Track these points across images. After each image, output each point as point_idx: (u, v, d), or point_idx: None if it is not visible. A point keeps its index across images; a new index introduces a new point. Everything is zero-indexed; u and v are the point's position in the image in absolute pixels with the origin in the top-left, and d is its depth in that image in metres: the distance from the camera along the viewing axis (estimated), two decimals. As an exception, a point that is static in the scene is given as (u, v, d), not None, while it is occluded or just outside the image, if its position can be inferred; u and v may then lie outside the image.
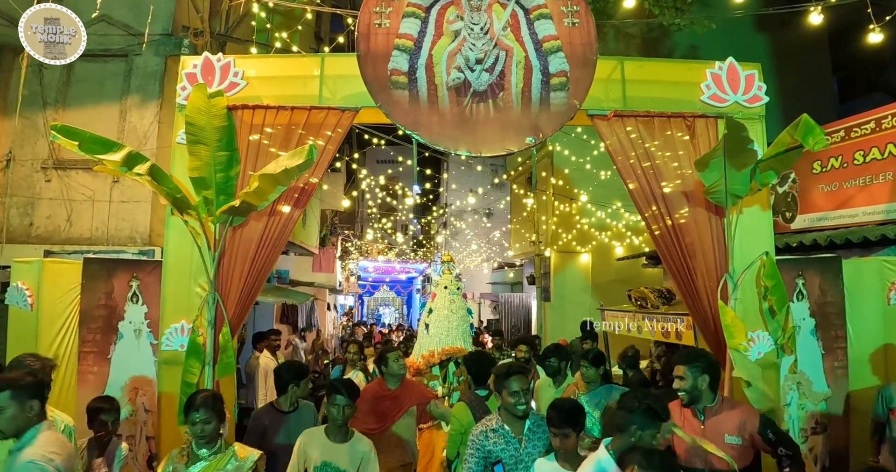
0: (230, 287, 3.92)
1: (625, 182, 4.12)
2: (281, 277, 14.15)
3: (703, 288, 3.98)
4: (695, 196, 4.06)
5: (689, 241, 4.00)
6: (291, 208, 3.99)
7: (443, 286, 6.39)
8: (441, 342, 5.92)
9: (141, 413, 4.62)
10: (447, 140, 3.87)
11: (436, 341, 5.95)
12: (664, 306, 6.67)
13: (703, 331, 3.98)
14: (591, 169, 10.29)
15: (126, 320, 4.69)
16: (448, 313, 6.14)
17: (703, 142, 4.11)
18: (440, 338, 5.94)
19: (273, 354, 7.13)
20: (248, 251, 3.94)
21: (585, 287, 13.07)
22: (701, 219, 4.04)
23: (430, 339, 5.99)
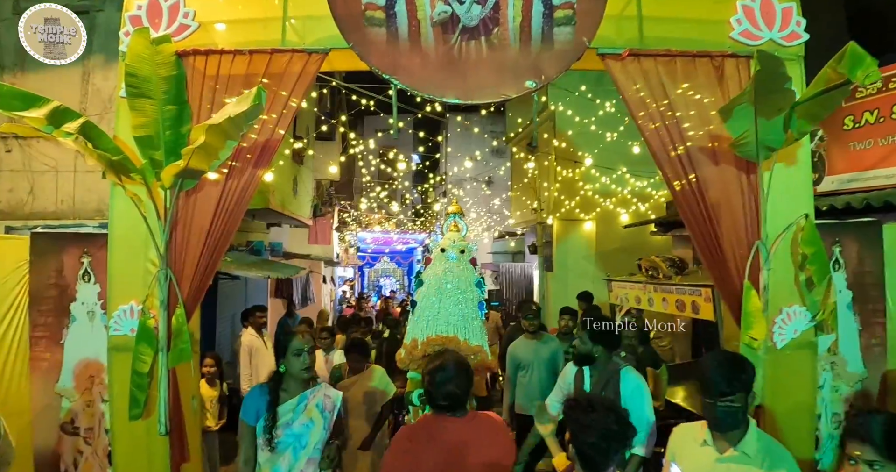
0: (184, 262, 3.39)
1: (642, 134, 3.54)
2: (274, 249, 13.67)
3: (731, 257, 3.44)
4: (723, 150, 3.48)
5: (715, 202, 3.44)
6: (252, 168, 3.42)
7: (439, 249, 4.49)
8: (428, 328, 4.16)
9: (98, 404, 4.17)
10: (432, 85, 3.28)
11: (422, 326, 4.22)
12: (677, 276, 6.15)
13: (731, 308, 3.45)
14: (597, 130, 9.64)
15: (78, 300, 4.18)
16: (441, 287, 4.26)
17: (734, 86, 3.51)
18: (427, 322, 4.19)
19: (259, 331, 6.62)
20: (204, 220, 3.39)
21: (589, 256, 12.55)
22: (729, 177, 3.47)
23: (415, 323, 4.30)
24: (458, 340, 4.10)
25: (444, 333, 4.18)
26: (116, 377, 3.48)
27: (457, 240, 4.50)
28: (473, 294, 4.33)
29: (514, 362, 5.51)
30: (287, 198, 11.65)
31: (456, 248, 4.46)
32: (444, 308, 4.18)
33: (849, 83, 2.81)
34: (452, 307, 4.19)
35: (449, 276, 4.32)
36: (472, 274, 4.40)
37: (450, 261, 4.40)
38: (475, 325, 4.27)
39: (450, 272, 4.34)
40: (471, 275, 4.40)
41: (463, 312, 4.22)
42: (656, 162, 3.53)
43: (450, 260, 4.39)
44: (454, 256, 4.41)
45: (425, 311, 4.25)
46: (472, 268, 4.42)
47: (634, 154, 9.86)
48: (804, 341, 3.56)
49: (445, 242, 4.50)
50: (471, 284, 4.36)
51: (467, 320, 4.22)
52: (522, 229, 16.96)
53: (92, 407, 4.21)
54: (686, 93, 3.51)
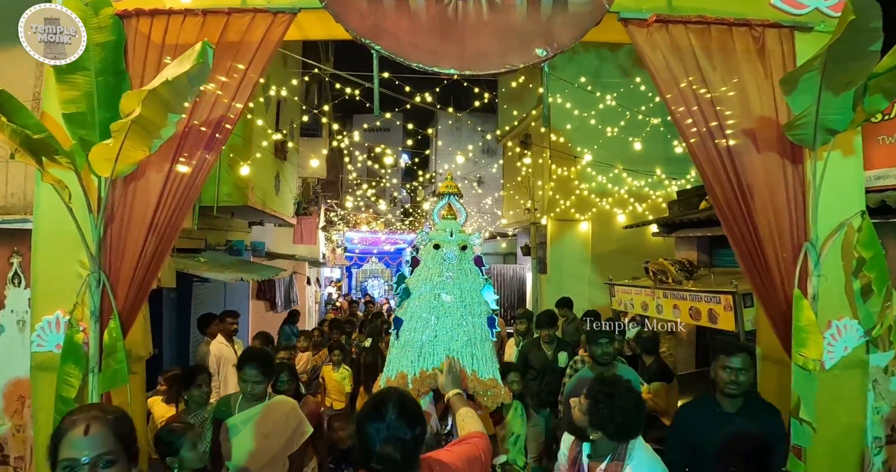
0: (121, 264, 2.80)
1: (672, 115, 3.00)
2: (256, 249, 13.05)
3: (774, 262, 2.90)
4: (766, 134, 2.95)
5: (757, 196, 2.91)
6: (203, 150, 2.84)
7: (432, 245, 3.19)
8: (421, 359, 2.97)
9: (30, 429, 3.58)
10: (422, 52, 2.71)
11: (411, 355, 2.99)
12: (687, 281, 5.63)
13: (774, 322, 2.92)
14: (596, 124, 9.12)
15: (7, 307, 3.63)
16: (437, 300, 3.07)
17: (776, 62, 2.98)
18: (419, 350, 2.99)
19: (229, 340, 6.01)
20: (145, 213, 2.80)
21: (584, 258, 12.06)
22: (773, 166, 2.93)
23: (401, 351, 3.04)
24: (465, 373, 2.96)
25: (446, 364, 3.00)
26: (41, 403, 2.88)
27: (455, 231, 3.24)
28: (481, 308, 3.14)
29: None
30: (268, 195, 11.02)
31: (454, 243, 3.18)
32: (443, 329, 3.02)
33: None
34: (453, 328, 3.02)
35: (447, 284, 3.09)
36: (478, 279, 3.22)
37: (447, 262, 3.14)
38: (485, 350, 3.09)
39: (447, 279, 3.10)
40: (476, 280, 3.20)
41: (469, 333, 3.04)
42: (689, 149, 2.99)
43: (447, 261, 3.14)
44: (453, 254, 3.15)
45: (415, 333, 3.02)
46: (477, 270, 3.23)
47: (633, 152, 9.38)
48: (855, 359, 3.04)
49: (439, 234, 3.24)
50: (477, 293, 3.16)
51: (474, 345, 3.05)
52: (514, 230, 16.41)
53: (23, 432, 3.64)
54: (722, 67, 2.97)
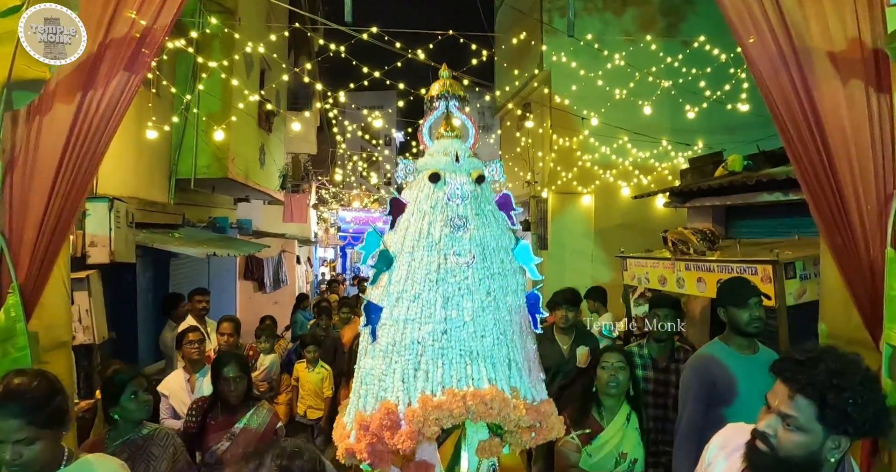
0: (24, 224, 2.18)
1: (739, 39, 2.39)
2: (242, 227, 12.46)
3: (856, 215, 2.31)
4: (846, 57, 2.32)
5: (836, 132, 2.30)
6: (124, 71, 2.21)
7: (427, 177, 2.02)
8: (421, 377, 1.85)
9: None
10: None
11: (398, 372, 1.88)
12: (715, 253, 5.04)
13: (855, 291, 2.33)
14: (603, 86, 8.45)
15: None
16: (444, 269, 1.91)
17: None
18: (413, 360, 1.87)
19: (200, 321, 5.38)
20: (53, 154, 2.17)
21: (587, 233, 11.47)
22: (856, 94, 2.31)
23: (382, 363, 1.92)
24: (504, 398, 1.80)
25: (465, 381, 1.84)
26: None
27: (462, 154, 2.10)
28: (517, 280, 2.04)
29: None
30: (252, 168, 10.35)
31: (464, 171, 2.07)
32: (457, 319, 1.88)
33: None
34: (476, 315, 1.90)
35: (458, 239, 1.95)
36: (507, 232, 2.11)
37: (454, 202, 2.00)
38: (528, 350, 2.04)
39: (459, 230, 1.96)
40: (504, 234, 2.08)
41: (502, 324, 1.94)
42: (755, 76, 2.38)
43: (454, 201, 2.00)
44: (464, 189, 2.02)
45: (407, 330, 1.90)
46: (504, 218, 2.13)
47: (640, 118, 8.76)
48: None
49: (437, 159, 2.09)
50: (508, 255, 2.04)
51: (512, 343, 1.94)
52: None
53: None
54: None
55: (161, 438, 2.69)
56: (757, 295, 2.91)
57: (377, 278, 2.06)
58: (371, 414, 1.90)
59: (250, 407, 3.19)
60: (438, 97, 2.25)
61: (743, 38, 2.38)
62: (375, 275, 2.06)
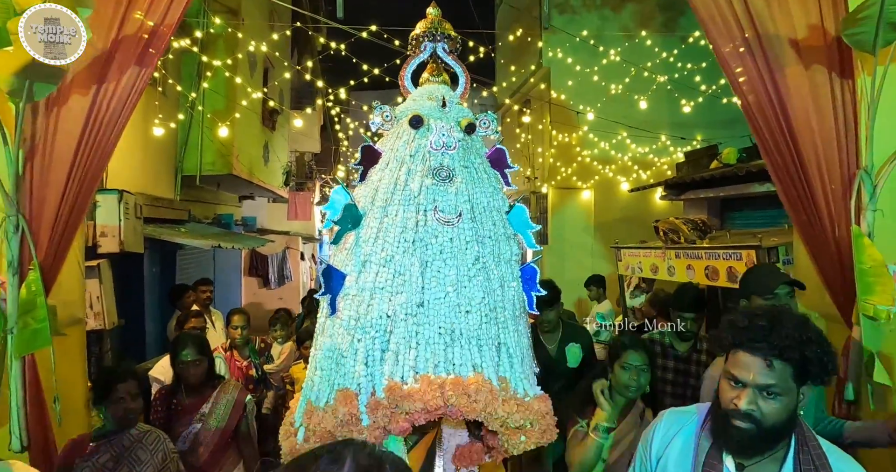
0: (43, 206, 2.35)
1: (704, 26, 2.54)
2: (247, 224, 12.66)
3: (821, 194, 2.45)
4: (809, 44, 2.47)
5: (799, 115, 2.45)
6: (134, 66, 2.38)
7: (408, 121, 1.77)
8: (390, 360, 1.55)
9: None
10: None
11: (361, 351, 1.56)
12: (705, 240, 5.19)
13: (822, 267, 2.48)
14: (599, 81, 8.60)
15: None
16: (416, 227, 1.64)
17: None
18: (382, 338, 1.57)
19: (205, 310, 5.57)
20: (70, 143, 2.35)
21: (587, 227, 11.62)
22: (819, 79, 2.46)
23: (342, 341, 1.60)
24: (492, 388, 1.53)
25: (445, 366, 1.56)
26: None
27: (448, 99, 1.86)
28: (510, 247, 1.78)
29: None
30: (256, 165, 10.54)
31: (451, 116, 1.82)
32: (437, 289, 1.61)
33: None
34: (461, 286, 1.62)
35: (443, 193, 1.70)
36: (500, 191, 1.87)
37: (438, 151, 1.75)
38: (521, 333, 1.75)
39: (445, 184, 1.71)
40: (498, 194, 1.84)
41: (492, 298, 1.66)
42: (721, 62, 2.53)
43: (438, 150, 1.74)
44: (451, 137, 1.76)
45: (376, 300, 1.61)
46: (496, 175, 1.89)
47: (638, 113, 8.89)
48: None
49: (420, 103, 1.86)
50: (501, 217, 1.79)
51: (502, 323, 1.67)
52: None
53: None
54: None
55: (151, 441, 2.53)
56: (786, 283, 2.51)
57: (340, 238, 1.72)
58: (325, 406, 1.56)
59: (215, 387, 3.12)
60: (424, 36, 1.93)
61: (708, 25, 2.52)
62: (339, 233, 1.71)
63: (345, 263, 1.68)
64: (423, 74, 1.96)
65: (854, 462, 1.53)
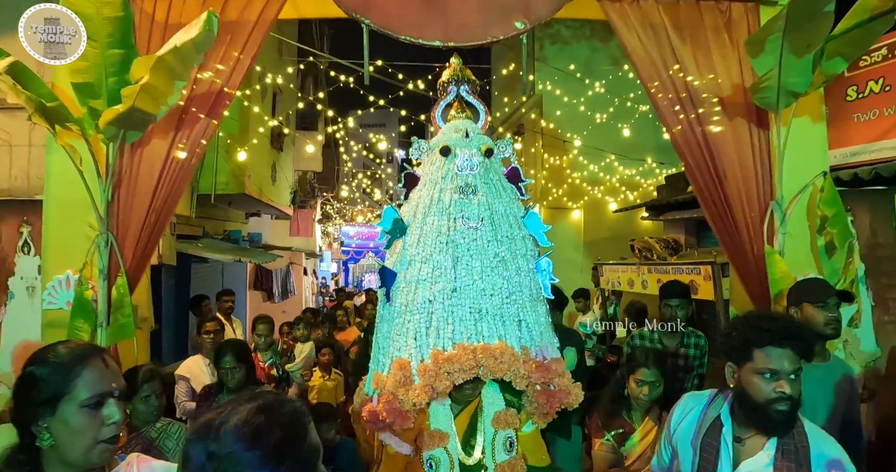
0: (128, 225, 2.98)
1: (645, 87, 3.20)
2: (253, 240, 13.24)
3: (742, 221, 3.10)
4: (733, 101, 3.14)
5: (725, 159, 3.10)
6: (204, 118, 3.02)
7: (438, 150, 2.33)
8: (439, 332, 2.03)
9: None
10: (409, 24, 2.89)
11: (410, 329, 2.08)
12: (673, 257, 5.83)
13: (745, 280, 3.12)
14: (586, 111, 9.31)
15: (17, 274, 3.80)
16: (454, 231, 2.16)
17: (741, 33, 3.18)
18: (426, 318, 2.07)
19: (227, 318, 6.17)
20: (150, 177, 2.99)
21: (577, 245, 12.25)
22: (740, 130, 3.13)
23: (396, 323, 2.14)
24: (514, 353, 1.97)
25: (476, 338, 2.00)
26: (53, 358, 3.06)
27: (471, 130, 2.33)
28: (526, 245, 2.23)
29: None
30: (265, 184, 11.20)
31: (473, 144, 2.28)
32: (467, 277, 2.06)
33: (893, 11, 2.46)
34: (484, 275, 2.08)
35: (468, 204, 2.15)
36: (516, 201, 2.33)
37: (464, 172, 2.21)
38: (539, 313, 2.17)
39: (468, 195, 2.17)
40: (513, 203, 2.29)
41: (511, 284, 2.11)
42: (661, 117, 3.19)
43: (463, 171, 2.22)
44: (473, 160, 2.23)
45: (420, 289, 2.08)
46: (512, 188, 2.35)
47: (624, 138, 9.58)
48: (819, 314, 3.23)
49: (448, 136, 2.34)
50: (517, 221, 2.25)
51: (521, 303, 2.11)
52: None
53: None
54: (691, 40, 3.16)
55: (174, 432, 2.73)
56: (836, 295, 2.60)
57: (391, 245, 2.25)
58: (387, 373, 2.02)
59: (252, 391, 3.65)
60: (450, 82, 2.45)
61: (647, 83, 3.17)
62: (389, 242, 2.24)
63: (395, 264, 2.21)
64: (451, 112, 2.48)
65: (831, 439, 1.82)
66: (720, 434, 1.85)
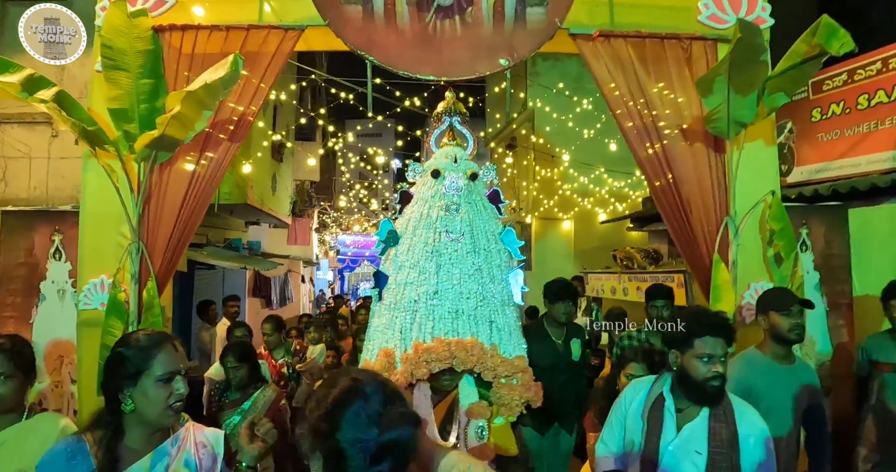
0: (157, 235, 3.37)
1: (613, 114, 3.61)
2: (252, 248, 13.57)
3: (701, 234, 3.51)
4: (692, 129, 3.56)
5: (685, 179, 3.51)
6: (226, 141, 3.42)
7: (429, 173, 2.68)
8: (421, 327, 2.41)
9: (67, 385, 4.12)
10: (407, 61, 3.30)
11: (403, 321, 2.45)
12: (651, 266, 6.24)
13: (701, 285, 3.52)
14: (574, 127, 9.76)
15: (49, 279, 4.15)
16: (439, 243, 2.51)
17: (701, 68, 3.59)
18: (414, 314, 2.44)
19: (233, 321, 6.54)
20: (178, 193, 3.38)
21: (567, 255, 12.66)
22: (699, 154, 3.54)
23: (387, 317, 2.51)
24: (483, 347, 2.32)
25: (452, 334, 2.36)
26: (86, 353, 3.44)
27: (459, 156, 2.68)
28: (501, 257, 2.56)
29: None
30: (266, 194, 11.59)
31: (460, 169, 2.61)
32: (447, 282, 2.41)
33: (821, 55, 2.90)
34: (463, 281, 2.41)
35: (452, 220, 2.49)
36: (495, 219, 2.65)
37: (450, 193, 2.55)
38: (508, 316, 2.50)
39: (452, 212, 2.51)
40: (492, 221, 2.62)
41: (485, 290, 2.44)
42: (627, 142, 3.60)
43: (450, 192, 2.56)
44: (459, 183, 2.56)
45: (407, 290, 2.43)
46: (492, 208, 2.69)
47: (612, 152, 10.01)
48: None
49: (439, 161, 2.68)
50: (494, 236, 2.58)
51: (492, 306, 2.45)
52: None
53: (61, 388, 4.16)
54: (655, 73, 3.58)
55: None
56: (799, 303, 2.85)
57: (385, 252, 2.68)
58: (375, 360, 2.40)
59: (257, 389, 3.69)
60: (444, 112, 2.88)
61: (616, 111, 3.59)
62: (384, 249, 2.67)
63: (388, 268, 2.64)
64: (444, 139, 2.86)
65: (752, 408, 2.26)
66: (664, 407, 2.28)
